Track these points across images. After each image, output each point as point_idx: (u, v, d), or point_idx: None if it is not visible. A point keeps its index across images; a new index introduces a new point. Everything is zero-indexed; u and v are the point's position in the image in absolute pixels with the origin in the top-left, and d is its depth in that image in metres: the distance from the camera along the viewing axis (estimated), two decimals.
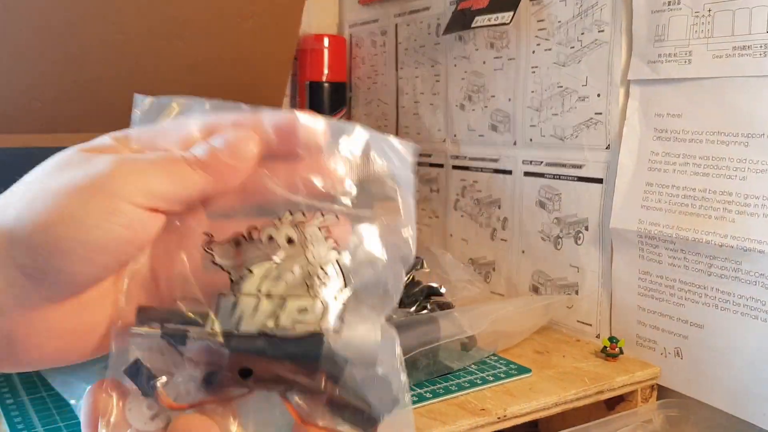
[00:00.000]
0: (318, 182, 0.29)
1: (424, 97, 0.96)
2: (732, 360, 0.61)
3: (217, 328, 0.27)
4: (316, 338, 0.27)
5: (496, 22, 0.78)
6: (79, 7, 0.79)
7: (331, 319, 0.27)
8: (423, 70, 0.96)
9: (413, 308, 0.66)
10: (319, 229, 0.29)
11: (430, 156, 0.96)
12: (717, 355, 0.62)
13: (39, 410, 0.57)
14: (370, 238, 0.29)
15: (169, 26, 0.85)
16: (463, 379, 0.63)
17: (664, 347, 0.66)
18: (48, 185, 0.27)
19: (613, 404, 0.67)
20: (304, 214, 0.29)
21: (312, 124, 0.28)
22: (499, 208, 0.85)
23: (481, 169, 0.87)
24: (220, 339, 0.27)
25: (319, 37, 1.06)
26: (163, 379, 0.27)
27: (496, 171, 0.85)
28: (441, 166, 0.94)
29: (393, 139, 0.30)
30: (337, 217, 0.29)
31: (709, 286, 0.62)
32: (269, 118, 0.29)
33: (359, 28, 1.09)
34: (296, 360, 0.27)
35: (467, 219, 0.90)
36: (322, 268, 0.28)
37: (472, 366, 0.66)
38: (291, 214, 0.29)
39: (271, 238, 0.29)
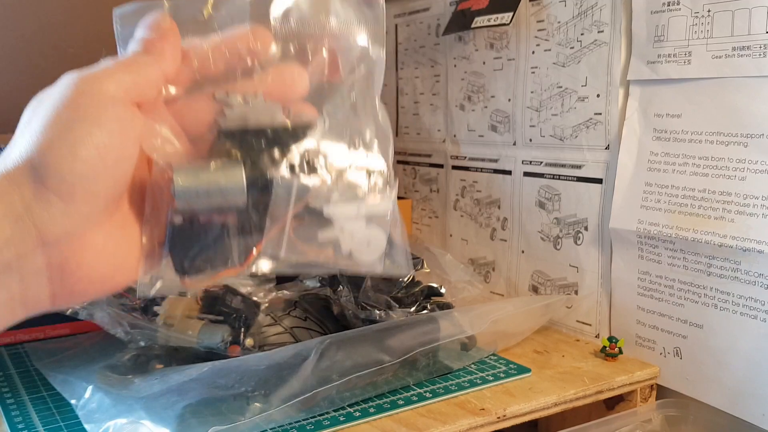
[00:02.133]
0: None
1: (423, 97, 0.96)
2: (731, 360, 0.61)
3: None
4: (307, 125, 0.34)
5: (496, 23, 0.78)
6: (79, 6, 0.79)
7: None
8: (423, 71, 0.96)
9: (413, 308, 0.66)
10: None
11: (430, 156, 0.96)
12: (716, 355, 0.62)
13: (39, 410, 0.57)
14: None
15: None
16: (463, 378, 0.63)
17: (664, 347, 0.67)
18: (39, 112, 0.30)
19: (612, 404, 0.68)
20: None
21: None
22: (499, 208, 0.85)
23: (481, 170, 0.87)
24: None
25: None
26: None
27: (496, 171, 0.85)
28: (441, 166, 0.94)
29: None
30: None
31: (709, 286, 0.62)
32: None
33: None
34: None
35: (467, 219, 0.90)
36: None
37: (472, 366, 0.66)
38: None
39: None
